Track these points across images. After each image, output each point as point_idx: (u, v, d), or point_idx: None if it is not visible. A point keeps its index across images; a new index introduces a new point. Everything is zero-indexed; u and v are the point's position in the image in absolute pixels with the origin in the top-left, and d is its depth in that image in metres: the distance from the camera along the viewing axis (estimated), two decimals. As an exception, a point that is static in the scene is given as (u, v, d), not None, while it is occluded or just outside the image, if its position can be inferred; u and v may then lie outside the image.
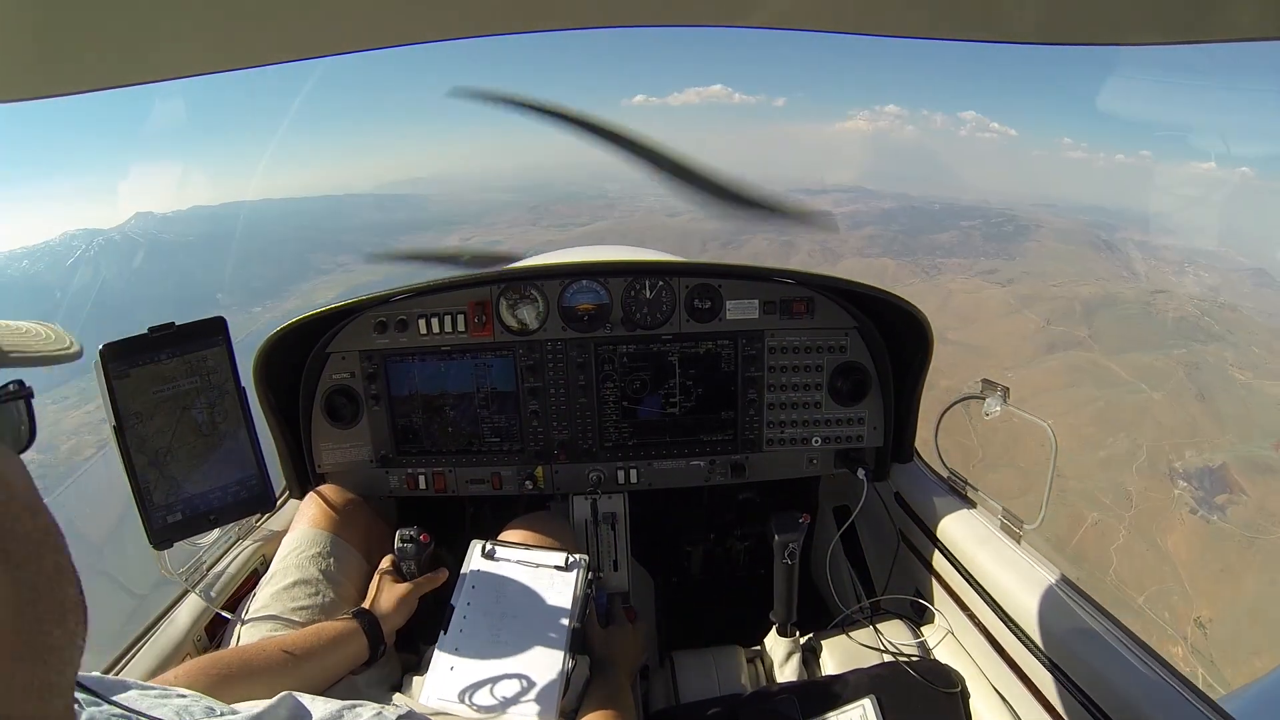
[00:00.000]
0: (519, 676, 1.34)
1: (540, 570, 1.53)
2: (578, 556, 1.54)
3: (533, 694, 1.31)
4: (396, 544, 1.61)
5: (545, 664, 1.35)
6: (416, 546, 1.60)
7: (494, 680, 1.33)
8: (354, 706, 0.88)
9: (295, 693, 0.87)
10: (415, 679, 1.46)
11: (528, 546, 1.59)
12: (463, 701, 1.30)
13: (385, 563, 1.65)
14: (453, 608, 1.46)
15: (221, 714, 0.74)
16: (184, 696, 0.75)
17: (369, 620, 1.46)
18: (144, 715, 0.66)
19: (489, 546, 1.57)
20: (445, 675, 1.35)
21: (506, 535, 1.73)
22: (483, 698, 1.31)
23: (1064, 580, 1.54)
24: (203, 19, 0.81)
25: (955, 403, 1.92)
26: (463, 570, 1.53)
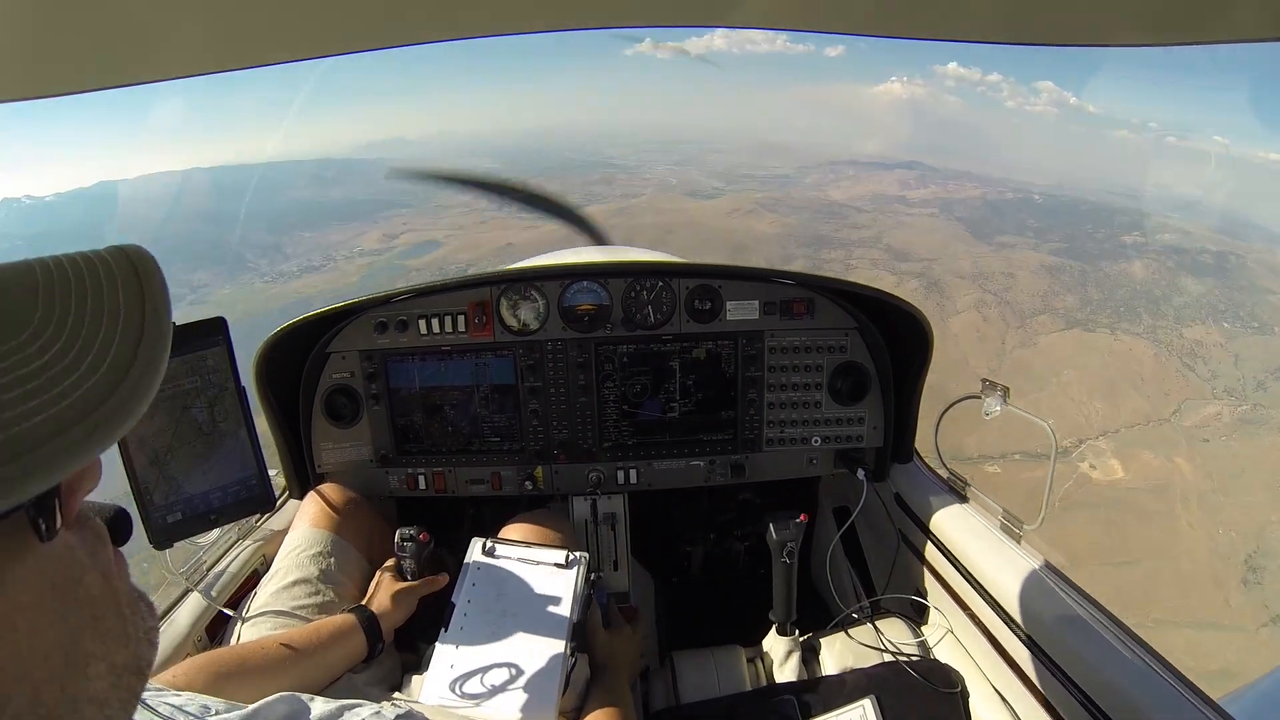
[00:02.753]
0: (519, 674, 1.34)
1: (540, 568, 1.53)
2: (578, 554, 1.54)
3: (533, 691, 1.31)
4: (396, 543, 1.61)
5: (545, 662, 1.36)
6: (416, 545, 1.60)
7: (494, 678, 1.34)
8: (353, 705, 0.88)
9: (294, 692, 0.87)
10: (415, 678, 1.46)
11: (528, 544, 1.59)
12: (463, 699, 1.31)
13: (388, 563, 1.66)
14: (453, 606, 1.46)
15: (217, 712, 0.74)
16: (179, 695, 0.75)
17: (367, 616, 1.46)
18: (145, 705, 0.66)
19: (489, 544, 1.57)
20: (445, 673, 1.35)
21: (506, 533, 1.73)
22: (483, 695, 1.31)
23: (1064, 579, 1.54)
24: (202, 19, 0.81)
25: (955, 403, 1.92)
26: (463, 568, 1.53)
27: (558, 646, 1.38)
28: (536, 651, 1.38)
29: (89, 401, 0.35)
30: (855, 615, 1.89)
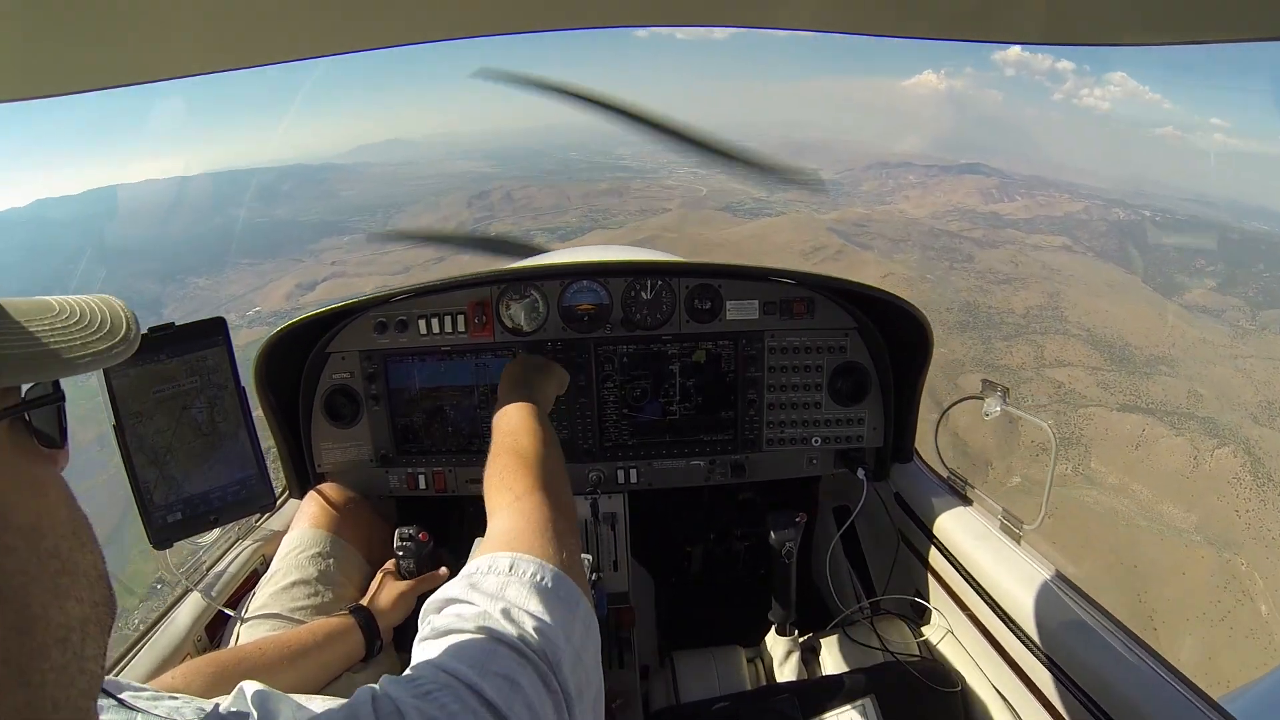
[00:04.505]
0: None
1: None
2: (581, 555, 1.54)
3: None
4: (395, 543, 1.61)
5: None
6: (416, 545, 1.61)
7: None
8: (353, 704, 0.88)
9: (293, 693, 0.87)
10: None
11: None
12: None
13: (388, 564, 1.66)
14: None
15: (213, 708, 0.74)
16: (175, 699, 0.75)
17: (365, 616, 1.46)
18: (142, 711, 0.66)
19: None
20: None
21: None
22: None
23: (1064, 580, 1.54)
24: (202, 19, 0.81)
25: (955, 403, 1.92)
26: (466, 567, 1.53)
27: None
28: None
29: (101, 342, 0.55)
30: (855, 615, 1.89)
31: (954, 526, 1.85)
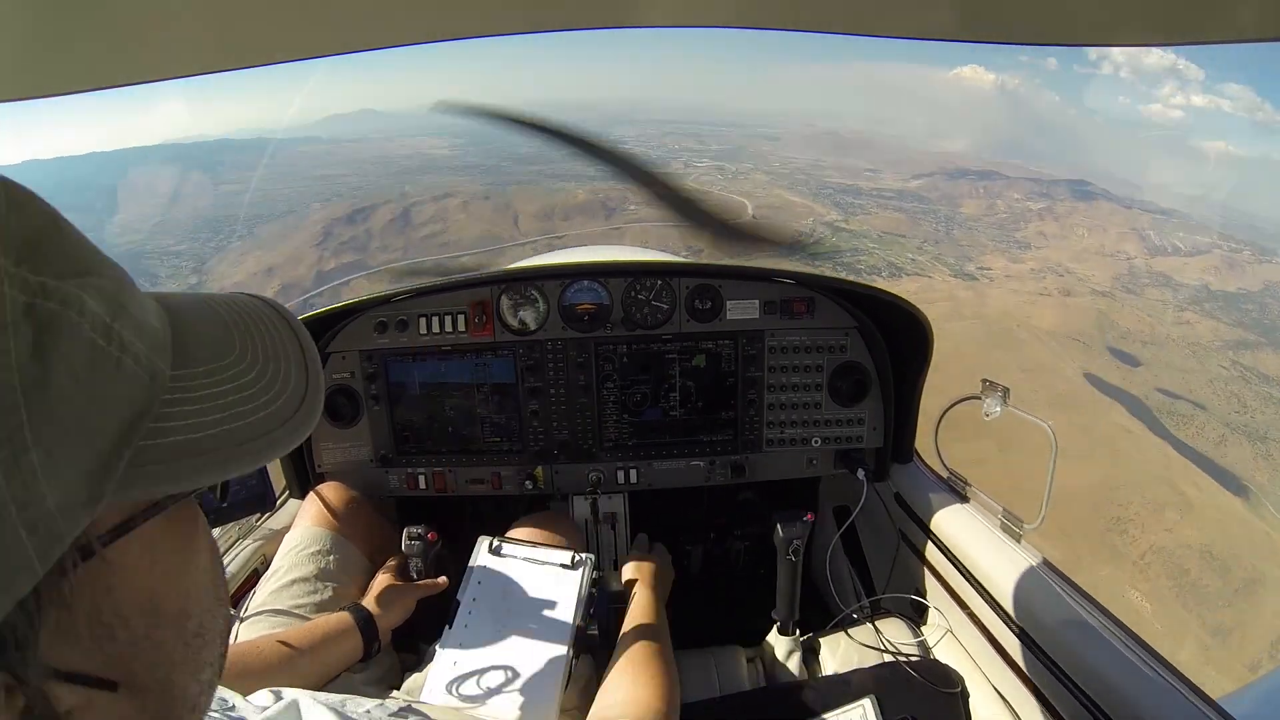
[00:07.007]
0: (521, 673, 1.34)
1: (546, 568, 1.54)
2: (584, 555, 1.55)
3: (534, 690, 1.31)
4: (404, 542, 1.61)
5: (548, 661, 1.36)
6: (424, 545, 1.61)
7: (497, 676, 1.34)
8: (354, 699, 0.88)
9: (295, 691, 0.87)
10: (415, 676, 1.46)
11: (534, 544, 1.60)
12: (465, 696, 1.31)
13: (390, 562, 1.66)
14: (458, 603, 1.46)
15: (232, 707, 0.75)
16: None
17: (363, 615, 1.46)
18: None
19: (495, 543, 1.58)
20: (449, 670, 1.35)
21: (513, 533, 1.73)
22: (485, 692, 1.32)
23: (1064, 579, 1.54)
24: (202, 19, 0.81)
25: (955, 403, 1.92)
26: (469, 567, 1.54)
27: (560, 647, 1.38)
28: (539, 651, 1.38)
29: (285, 411, 0.46)
30: (855, 615, 1.89)
31: (954, 526, 1.85)
